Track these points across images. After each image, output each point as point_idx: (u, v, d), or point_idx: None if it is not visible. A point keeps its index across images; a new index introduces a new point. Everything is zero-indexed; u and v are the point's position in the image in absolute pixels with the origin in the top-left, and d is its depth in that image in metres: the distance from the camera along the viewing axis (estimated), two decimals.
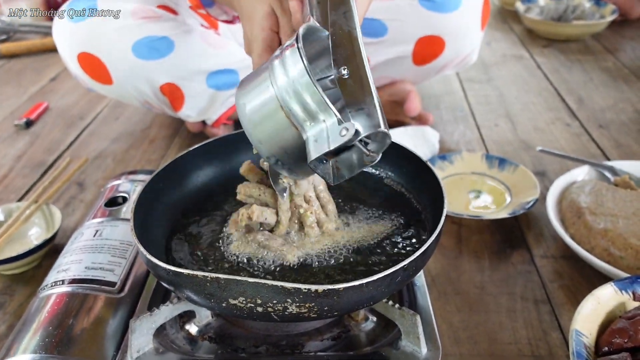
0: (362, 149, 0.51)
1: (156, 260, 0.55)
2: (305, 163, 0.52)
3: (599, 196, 0.91)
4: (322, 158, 0.51)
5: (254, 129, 0.54)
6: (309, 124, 0.50)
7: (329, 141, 0.49)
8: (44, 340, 0.61)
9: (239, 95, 0.55)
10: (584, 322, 0.64)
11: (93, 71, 1.11)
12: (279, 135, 0.53)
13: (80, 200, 1.08)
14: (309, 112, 0.50)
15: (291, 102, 0.50)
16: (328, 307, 0.53)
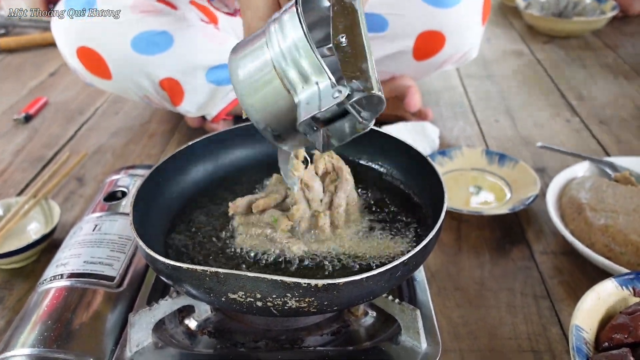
0: (356, 115, 0.50)
1: (155, 254, 0.55)
2: (296, 131, 0.51)
3: (599, 192, 0.91)
4: (312, 125, 0.50)
5: (247, 94, 0.52)
6: (301, 87, 0.49)
7: (320, 103, 0.48)
8: (43, 334, 0.61)
9: (232, 59, 0.54)
10: (584, 317, 0.64)
11: (92, 66, 1.11)
12: (271, 101, 0.51)
13: (80, 195, 1.08)
14: (303, 75, 0.49)
15: (286, 66, 0.49)
16: (328, 302, 0.53)
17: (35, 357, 0.59)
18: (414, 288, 0.69)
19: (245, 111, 0.54)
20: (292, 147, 0.57)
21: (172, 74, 1.12)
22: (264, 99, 0.52)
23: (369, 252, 0.64)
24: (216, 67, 1.15)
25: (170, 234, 0.69)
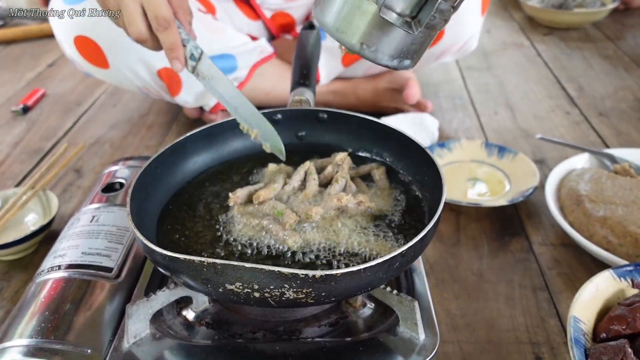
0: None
1: (153, 245, 0.55)
2: (389, 37, 0.55)
3: (599, 184, 0.91)
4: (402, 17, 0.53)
5: (343, 27, 0.56)
6: None
7: None
8: (40, 325, 0.61)
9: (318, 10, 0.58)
10: (582, 308, 0.64)
11: (89, 55, 1.10)
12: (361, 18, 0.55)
13: (78, 186, 1.08)
14: None
15: None
16: (326, 293, 0.53)
17: (33, 348, 0.59)
18: (412, 279, 0.69)
19: (343, 43, 0.57)
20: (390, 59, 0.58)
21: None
22: (354, 21, 0.55)
23: (367, 245, 0.64)
24: (214, 57, 1.14)
25: (167, 225, 0.69)
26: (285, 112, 0.83)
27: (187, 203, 0.73)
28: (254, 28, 1.34)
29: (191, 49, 0.72)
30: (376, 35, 0.56)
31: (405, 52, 0.57)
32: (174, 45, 0.69)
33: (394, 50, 0.57)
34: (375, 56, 0.57)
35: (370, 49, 0.56)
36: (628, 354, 0.57)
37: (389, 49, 0.57)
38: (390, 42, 0.56)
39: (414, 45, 0.57)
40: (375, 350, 0.60)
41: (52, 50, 1.77)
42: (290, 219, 0.63)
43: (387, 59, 0.58)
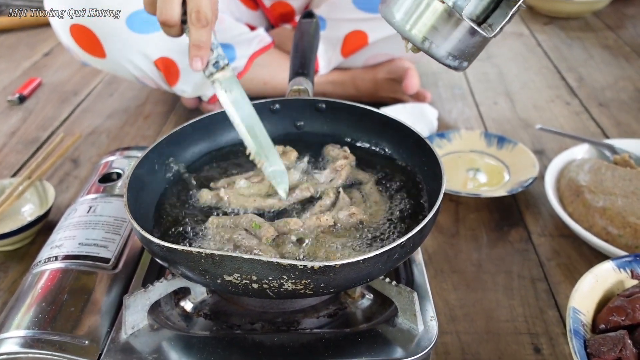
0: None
1: (150, 236, 0.54)
2: (454, 36, 0.55)
3: (598, 175, 0.91)
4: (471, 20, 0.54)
5: (411, 22, 0.56)
6: None
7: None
8: (38, 316, 0.61)
9: (384, 5, 0.58)
10: (582, 299, 0.63)
11: (85, 44, 1.09)
12: (429, 15, 0.55)
13: (75, 176, 1.07)
14: None
15: None
16: (324, 284, 0.53)
17: (30, 338, 0.58)
18: (412, 270, 0.69)
19: (409, 38, 0.57)
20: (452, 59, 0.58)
21: (167, 53, 1.10)
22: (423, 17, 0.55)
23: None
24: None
25: (165, 216, 0.68)
26: (284, 102, 0.83)
27: (184, 193, 0.72)
28: (252, 17, 1.33)
29: (218, 56, 0.68)
30: (442, 34, 0.56)
31: (466, 53, 0.58)
32: (204, 44, 0.65)
33: (457, 50, 0.57)
34: (439, 54, 0.57)
35: (434, 45, 0.56)
36: (627, 345, 0.57)
37: (453, 49, 0.57)
38: (455, 42, 0.56)
39: (474, 48, 0.58)
40: (374, 341, 0.59)
41: (47, 39, 1.75)
42: (267, 233, 0.62)
43: (450, 58, 0.58)
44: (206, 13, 0.63)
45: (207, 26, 0.64)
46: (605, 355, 0.57)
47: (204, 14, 0.63)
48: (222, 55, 0.68)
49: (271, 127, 0.83)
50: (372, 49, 1.24)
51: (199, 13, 0.63)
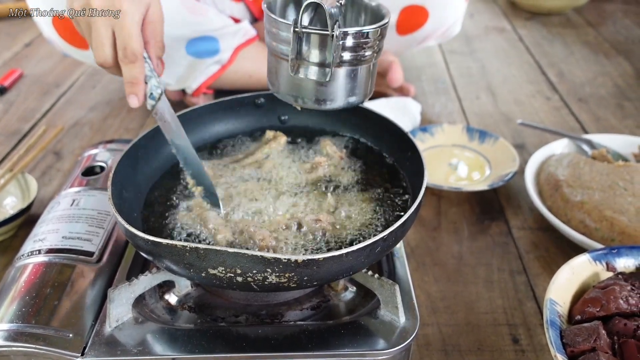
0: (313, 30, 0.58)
1: (135, 230, 0.55)
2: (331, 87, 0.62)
3: (577, 169, 0.92)
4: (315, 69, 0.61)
5: (289, 93, 0.64)
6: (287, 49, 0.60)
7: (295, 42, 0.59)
8: (21, 310, 0.61)
9: (271, 85, 0.67)
10: (558, 291, 0.65)
11: (68, 35, 1.08)
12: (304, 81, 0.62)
13: (57, 169, 1.07)
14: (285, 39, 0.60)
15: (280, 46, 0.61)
16: (308, 277, 0.53)
17: (14, 332, 0.58)
18: (394, 263, 0.70)
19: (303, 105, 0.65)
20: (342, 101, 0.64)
21: None
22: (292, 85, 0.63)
23: None
24: (196, 39, 1.13)
25: (149, 209, 0.69)
26: (268, 96, 0.83)
27: (167, 186, 0.73)
28: (236, 10, 1.33)
29: (152, 87, 0.67)
30: (320, 89, 0.62)
31: (351, 91, 0.63)
32: (136, 80, 0.65)
33: (341, 94, 0.63)
34: (329, 107, 0.64)
35: (320, 102, 0.63)
36: (601, 335, 0.59)
37: (337, 95, 0.63)
38: (332, 90, 0.62)
39: (354, 83, 0.63)
40: (357, 332, 0.61)
41: (28, 29, 1.73)
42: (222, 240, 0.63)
43: (340, 103, 0.64)
44: (133, 48, 0.63)
45: (135, 61, 0.64)
46: (580, 345, 0.59)
47: (130, 50, 0.63)
48: (156, 86, 0.67)
49: (256, 121, 0.85)
50: None
51: (125, 50, 0.63)
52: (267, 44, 0.64)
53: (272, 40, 0.62)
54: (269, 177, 0.73)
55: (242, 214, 0.66)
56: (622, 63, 1.48)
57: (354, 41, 0.59)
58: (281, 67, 0.63)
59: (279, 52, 0.62)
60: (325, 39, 0.58)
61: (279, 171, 0.74)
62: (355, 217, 0.67)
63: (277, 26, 0.60)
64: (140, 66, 0.64)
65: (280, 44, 0.61)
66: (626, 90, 1.34)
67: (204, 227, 0.65)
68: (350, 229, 0.65)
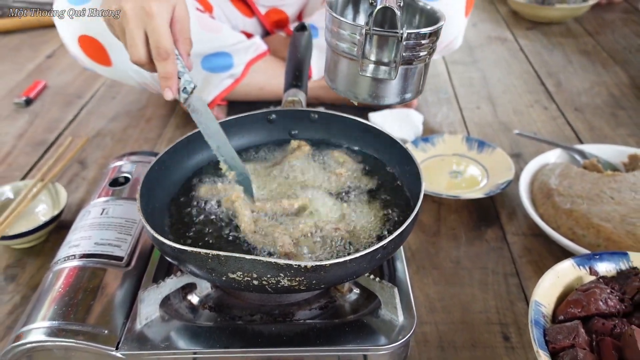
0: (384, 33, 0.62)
1: (163, 239, 0.62)
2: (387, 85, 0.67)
3: (568, 178, 0.99)
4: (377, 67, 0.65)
5: (352, 89, 0.69)
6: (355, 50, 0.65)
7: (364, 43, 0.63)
8: (61, 309, 0.68)
9: (329, 80, 0.72)
10: (544, 293, 0.71)
11: (93, 53, 1.16)
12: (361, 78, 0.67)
13: (82, 177, 1.14)
14: (351, 40, 0.64)
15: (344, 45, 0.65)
16: (316, 281, 0.60)
17: (56, 328, 0.66)
18: (395, 268, 0.77)
19: (358, 101, 0.70)
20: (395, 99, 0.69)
21: None
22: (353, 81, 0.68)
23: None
24: (211, 55, 1.20)
25: (173, 217, 0.76)
26: (280, 112, 0.90)
27: (188, 195, 0.80)
28: (249, 25, 1.40)
29: (185, 82, 0.75)
30: (379, 86, 0.67)
31: (405, 88, 0.68)
32: (170, 75, 0.72)
33: (396, 91, 0.68)
34: (384, 102, 0.69)
35: (377, 97, 0.68)
36: (580, 333, 0.65)
37: (390, 93, 0.68)
38: (391, 87, 0.67)
39: (410, 80, 0.68)
40: (360, 330, 0.67)
41: (50, 40, 1.81)
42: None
43: (394, 99, 0.69)
44: (165, 46, 0.71)
45: (168, 58, 0.71)
46: (561, 342, 0.65)
47: (163, 48, 0.71)
48: (189, 81, 0.75)
49: (268, 135, 0.92)
50: None
51: (158, 48, 0.71)
52: (329, 43, 0.68)
53: (336, 40, 0.66)
54: (294, 185, 0.79)
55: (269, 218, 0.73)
56: (618, 72, 1.53)
57: (415, 42, 0.64)
58: (343, 64, 0.67)
59: (341, 51, 0.66)
60: (392, 40, 0.63)
61: (304, 179, 0.81)
62: (367, 225, 0.74)
63: (345, 27, 0.64)
64: (172, 62, 0.73)
65: (344, 43, 0.65)
66: (621, 99, 1.40)
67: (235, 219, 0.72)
68: (363, 236, 0.72)
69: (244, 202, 0.74)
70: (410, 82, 0.68)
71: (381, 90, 0.68)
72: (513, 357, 0.76)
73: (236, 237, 0.71)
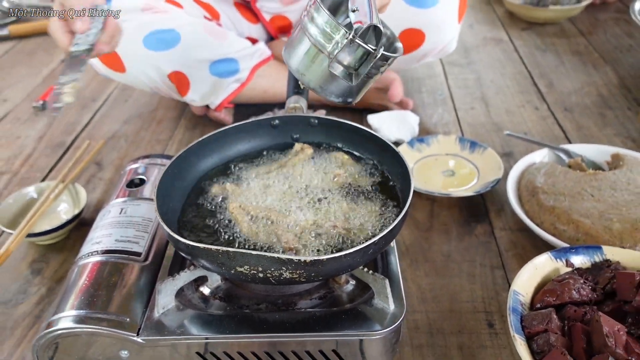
0: (366, 46, 0.71)
1: (178, 237, 0.69)
2: (337, 83, 0.76)
3: (552, 177, 1.06)
4: (345, 69, 0.74)
5: (302, 71, 0.77)
6: (329, 46, 0.73)
7: (339, 46, 0.72)
8: (87, 299, 0.75)
9: (286, 54, 0.79)
10: (522, 284, 0.79)
11: (108, 61, 1.23)
12: (317, 66, 0.75)
13: (99, 178, 1.22)
14: (328, 37, 0.72)
15: (320, 39, 0.73)
16: (314, 274, 0.68)
17: (83, 316, 0.73)
18: (388, 261, 0.84)
19: (302, 82, 0.79)
20: (336, 97, 0.79)
21: (179, 67, 1.25)
22: (311, 67, 0.76)
23: None
24: (219, 61, 1.28)
25: (185, 216, 0.84)
26: (282, 118, 0.97)
27: (199, 197, 0.87)
28: (254, 30, 1.47)
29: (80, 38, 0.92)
30: (328, 81, 0.76)
31: (349, 93, 0.79)
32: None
33: (341, 92, 0.78)
34: (326, 95, 0.78)
35: (322, 90, 0.77)
36: (553, 319, 0.72)
37: (337, 91, 0.78)
38: (338, 86, 0.76)
39: (356, 88, 0.78)
40: (356, 318, 0.74)
41: None
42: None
43: (334, 97, 0.78)
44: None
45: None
46: (535, 327, 0.72)
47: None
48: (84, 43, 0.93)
49: (272, 139, 0.99)
50: None
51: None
52: (305, 27, 0.74)
53: (315, 30, 0.72)
54: (298, 186, 0.86)
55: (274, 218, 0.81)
56: (608, 72, 1.59)
57: (381, 61, 0.74)
58: (310, 51, 0.74)
59: (314, 40, 0.73)
60: (366, 53, 0.72)
61: (305, 180, 0.87)
62: (364, 222, 0.81)
63: (327, 23, 0.71)
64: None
65: (321, 37, 0.72)
66: (609, 99, 1.46)
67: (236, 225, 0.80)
68: (360, 232, 0.79)
69: (241, 210, 0.81)
70: (354, 90, 0.78)
71: (330, 86, 0.77)
72: (496, 341, 0.83)
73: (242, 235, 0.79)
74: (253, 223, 0.80)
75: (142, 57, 1.22)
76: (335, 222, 0.79)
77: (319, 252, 0.75)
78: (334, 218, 0.80)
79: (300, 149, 0.94)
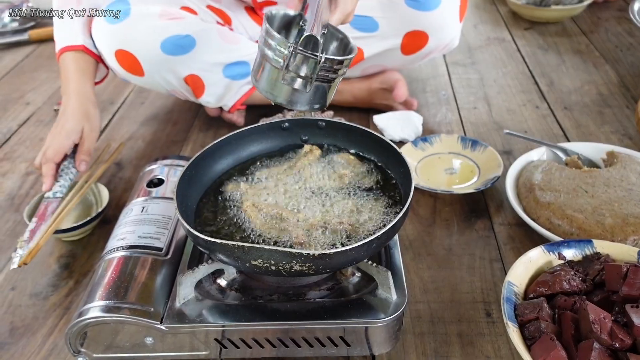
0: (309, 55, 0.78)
1: (198, 233, 0.75)
2: (302, 94, 0.83)
3: (549, 174, 1.11)
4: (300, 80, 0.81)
5: (269, 90, 0.84)
6: (281, 62, 0.79)
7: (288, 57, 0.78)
8: (115, 290, 0.82)
9: (253, 79, 0.87)
10: (517, 275, 0.84)
11: (127, 65, 1.30)
12: (277, 83, 0.82)
13: (119, 177, 1.29)
14: (280, 53, 0.79)
15: (273, 56, 0.80)
16: (323, 266, 0.74)
17: (111, 306, 0.80)
18: (391, 254, 0.90)
19: (275, 102, 0.85)
20: (306, 106, 0.86)
21: (194, 71, 1.31)
22: (277, 86, 0.83)
23: None
24: (232, 64, 1.34)
25: (202, 213, 0.90)
26: (292, 121, 1.03)
27: (214, 195, 0.94)
28: None
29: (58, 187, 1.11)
30: (293, 94, 0.83)
31: (317, 100, 0.86)
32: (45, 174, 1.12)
33: (307, 100, 0.85)
34: (297, 107, 0.85)
35: (291, 103, 0.84)
36: (544, 308, 0.78)
37: (304, 101, 0.85)
38: (302, 97, 0.84)
39: (321, 94, 0.85)
40: (361, 307, 0.80)
41: None
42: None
43: (305, 107, 0.85)
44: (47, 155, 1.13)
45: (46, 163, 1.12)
46: (527, 315, 0.78)
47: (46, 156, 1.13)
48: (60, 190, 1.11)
49: (283, 141, 1.05)
50: (367, 62, 1.44)
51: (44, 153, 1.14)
52: (260, 49, 0.82)
53: (266, 48, 0.80)
54: (307, 185, 0.92)
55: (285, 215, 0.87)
56: (608, 71, 1.64)
57: (330, 65, 0.81)
58: (267, 69, 0.82)
59: (269, 58, 0.80)
60: (312, 61, 0.79)
61: (314, 179, 0.94)
62: (368, 219, 0.87)
63: (275, 40, 0.78)
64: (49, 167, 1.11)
65: (272, 53, 0.79)
66: (608, 97, 1.50)
67: (251, 222, 0.86)
68: (364, 228, 0.85)
69: (254, 208, 0.88)
70: (320, 96, 0.85)
71: (295, 97, 0.83)
72: (493, 329, 0.89)
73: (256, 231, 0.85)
74: (265, 220, 0.86)
75: (160, 61, 1.28)
76: (342, 219, 0.85)
77: (327, 247, 0.81)
78: (340, 215, 0.86)
79: (309, 150, 1.00)
